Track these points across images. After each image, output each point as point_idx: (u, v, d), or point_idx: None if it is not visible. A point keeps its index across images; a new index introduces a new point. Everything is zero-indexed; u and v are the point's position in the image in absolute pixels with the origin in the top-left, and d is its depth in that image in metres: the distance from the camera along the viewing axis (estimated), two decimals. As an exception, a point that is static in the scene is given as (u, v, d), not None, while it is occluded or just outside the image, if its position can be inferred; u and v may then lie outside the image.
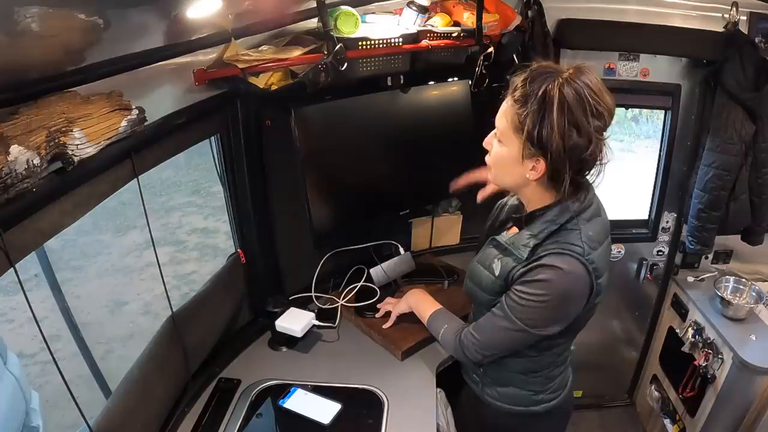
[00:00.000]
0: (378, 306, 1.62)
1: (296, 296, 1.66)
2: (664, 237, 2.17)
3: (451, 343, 1.25)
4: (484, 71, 1.65)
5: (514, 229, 1.18)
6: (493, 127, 1.08)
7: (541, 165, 0.99)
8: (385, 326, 1.55)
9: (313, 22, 1.39)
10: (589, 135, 0.94)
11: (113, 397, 1.09)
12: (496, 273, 1.11)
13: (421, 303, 1.43)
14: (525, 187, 1.08)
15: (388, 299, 1.61)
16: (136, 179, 1.07)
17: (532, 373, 1.21)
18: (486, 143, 1.10)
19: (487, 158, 1.11)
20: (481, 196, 1.37)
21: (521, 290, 1.05)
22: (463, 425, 1.42)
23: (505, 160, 1.05)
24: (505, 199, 1.30)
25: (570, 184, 1.00)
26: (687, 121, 1.97)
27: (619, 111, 2.09)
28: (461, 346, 1.20)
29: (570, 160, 0.97)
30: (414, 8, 1.49)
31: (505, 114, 1.02)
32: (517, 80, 0.99)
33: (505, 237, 1.13)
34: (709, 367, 1.85)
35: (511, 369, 1.21)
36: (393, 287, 1.74)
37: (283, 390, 1.37)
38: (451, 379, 1.48)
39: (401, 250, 1.76)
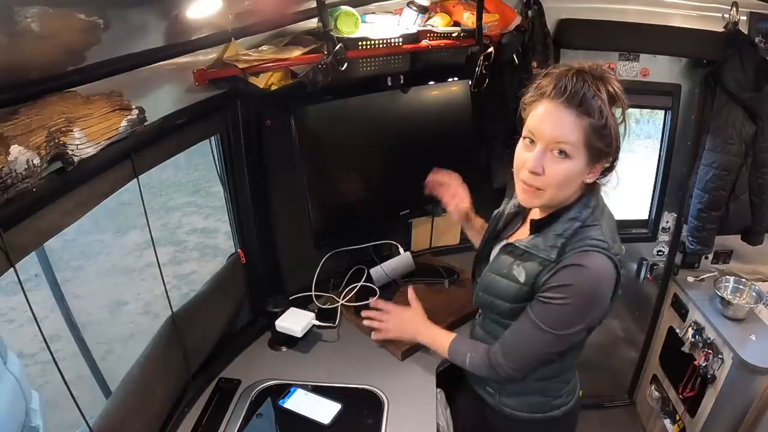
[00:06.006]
0: (369, 315, 1.47)
1: (296, 296, 1.66)
2: (664, 237, 2.17)
3: (483, 368, 1.17)
4: (484, 71, 1.65)
5: (521, 233, 1.15)
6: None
7: (601, 164, 1.00)
8: (373, 338, 1.46)
9: (313, 22, 1.39)
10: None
11: (113, 397, 1.09)
12: (522, 279, 1.07)
13: (428, 333, 1.34)
14: (572, 195, 1.03)
15: (382, 314, 1.45)
16: (136, 179, 1.07)
17: (552, 378, 1.20)
18: (536, 167, 0.97)
19: (540, 181, 0.99)
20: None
21: (549, 296, 1.02)
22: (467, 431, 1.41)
23: (574, 174, 0.98)
24: (501, 208, 1.27)
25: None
26: (687, 121, 1.97)
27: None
28: (495, 367, 1.14)
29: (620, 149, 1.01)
30: (414, 8, 1.49)
31: (571, 127, 0.94)
32: (566, 84, 0.93)
33: (524, 242, 1.08)
34: (709, 367, 1.85)
35: (531, 377, 1.18)
36: (393, 287, 1.74)
37: (283, 390, 1.37)
38: (450, 380, 1.48)
39: (401, 250, 1.76)
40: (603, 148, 0.97)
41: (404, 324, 1.40)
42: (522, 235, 1.15)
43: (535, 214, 1.13)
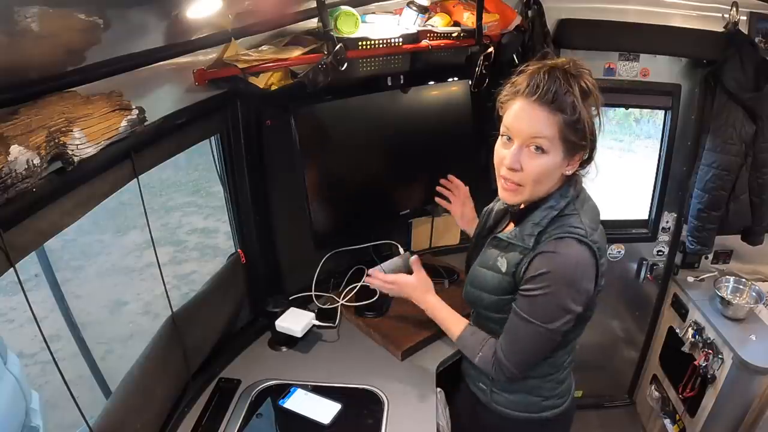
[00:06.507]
0: (373, 282, 1.40)
1: (296, 296, 1.66)
2: (664, 237, 2.17)
3: (490, 366, 1.15)
4: (484, 71, 1.65)
5: (511, 226, 1.17)
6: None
7: (579, 156, 1.03)
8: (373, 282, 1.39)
9: (313, 22, 1.39)
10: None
11: (113, 397, 1.09)
12: (503, 270, 1.09)
13: (437, 307, 1.30)
14: (552, 188, 1.06)
15: (385, 285, 1.38)
16: (136, 179, 1.07)
17: (547, 376, 1.19)
18: (513, 163, 1.01)
19: (519, 177, 1.02)
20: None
21: (529, 288, 1.04)
22: (463, 430, 1.41)
23: (551, 168, 1.01)
24: (491, 205, 1.29)
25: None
26: (687, 121, 1.97)
27: (619, 111, 2.09)
28: (501, 366, 1.12)
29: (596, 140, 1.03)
30: (414, 8, 1.49)
31: (545, 123, 0.97)
32: (538, 82, 0.96)
33: (506, 233, 1.12)
34: (709, 367, 1.85)
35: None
36: (393, 287, 1.74)
37: (283, 390, 1.37)
38: (450, 379, 1.48)
39: (401, 250, 1.76)
40: (578, 141, 1.00)
41: (410, 291, 1.34)
42: (510, 227, 1.17)
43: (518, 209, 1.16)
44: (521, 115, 1.00)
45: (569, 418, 1.30)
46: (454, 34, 1.55)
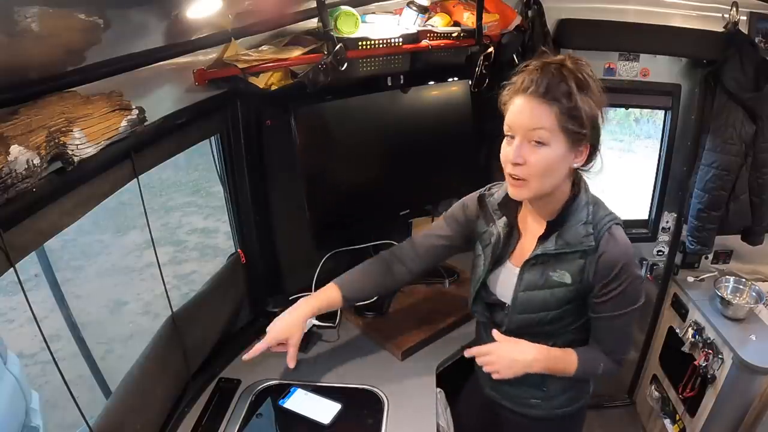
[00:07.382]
0: (474, 354, 1.21)
1: (296, 296, 1.66)
2: (664, 237, 2.17)
3: (613, 371, 1.21)
4: (484, 71, 1.65)
5: (527, 246, 1.14)
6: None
7: (585, 147, 1.03)
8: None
9: (313, 22, 1.39)
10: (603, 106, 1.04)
11: (113, 397, 1.09)
12: (568, 281, 1.09)
13: (548, 358, 1.16)
14: (561, 183, 1.06)
15: (484, 358, 1.19)
16: (136, 179, 1.07)
17: None
18: (516, 158, 1.01)
19: (524, 171, 1.01)
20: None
21: (614, 287, 1.07)
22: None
23: (555, 160, 1.01)
24: (492, 230, 1.21)
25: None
26: (687, 121, 1.97)
27: (619, 111, 2.09)
28: (620, 364, 1.22)
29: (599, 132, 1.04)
30: (414, 8, 1.49)
31: (541, 115, 0.98)
32: (533, 77, 0.98)
33: (549, 246, 1.08)
34: (709, 367, 1.85)
35: None
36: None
37: (283, 390, 1.37)
38: (450, 379, 1.48)
39: (401, 250, 1.76)
40: (578, 130, 1.00)
41: (515, 359, 1.16)
42: (528, 246, 1.13)
43: (531, 224, 1.15)
44: (519, 111, 1.01)
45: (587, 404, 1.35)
46: (454, 34, 1.55)
